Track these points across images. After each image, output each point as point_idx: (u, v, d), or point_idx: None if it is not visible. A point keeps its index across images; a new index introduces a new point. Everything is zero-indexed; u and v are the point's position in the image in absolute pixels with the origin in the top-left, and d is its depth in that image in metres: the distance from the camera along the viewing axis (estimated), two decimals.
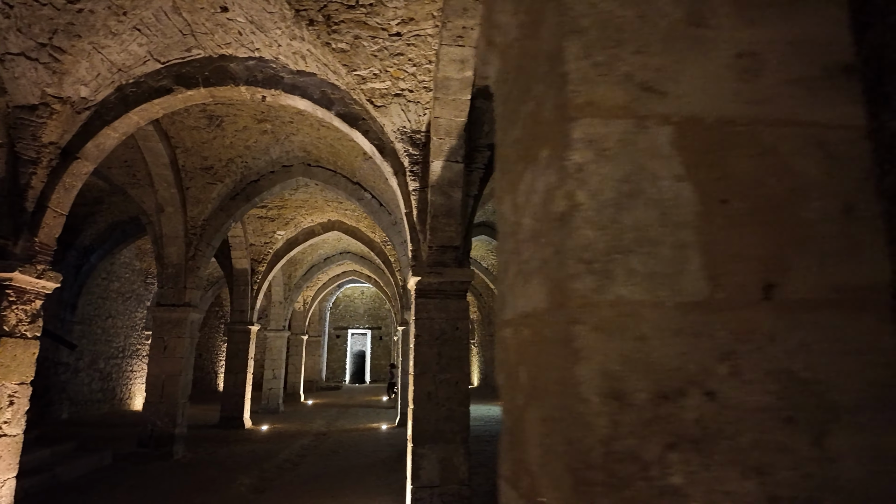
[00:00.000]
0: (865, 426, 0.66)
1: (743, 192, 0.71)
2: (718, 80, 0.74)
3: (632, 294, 0.66)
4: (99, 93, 4.17)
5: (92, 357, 11.13)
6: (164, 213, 7.02)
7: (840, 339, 0.68)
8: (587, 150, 0.70)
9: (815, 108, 0.75)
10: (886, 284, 0.70)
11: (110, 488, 5.37)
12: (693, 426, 0.63)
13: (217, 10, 3.85)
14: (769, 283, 0.68)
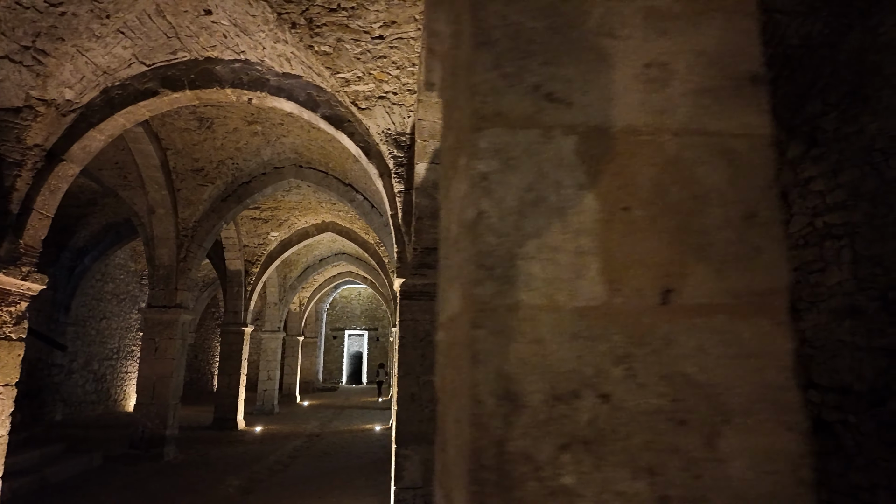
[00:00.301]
0: (757, 428, 0.67)
1: (645, 199, 0.73)
2: (625, 91, 0.76)
3: (531, 299, 0.68)
4: (84, 95, 4.19)
5: (86, 358, 11.14)
6: (155, 215, 7.04)
7: (735, 343, 0.70)
8: (493, 160, 0.72)
9: (722, 118, 0.77)
10: (784, 289, 0.72)
11: (98, 489, 5.38)
12: (586, 427, 0.65)
13: (200, 13, 3.87)
14: (667, 289, 0.70)
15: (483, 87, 0.74)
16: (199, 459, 7.01)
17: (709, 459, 0.66)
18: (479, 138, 0.72)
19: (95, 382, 11.46)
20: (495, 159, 0.72)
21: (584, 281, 0.69)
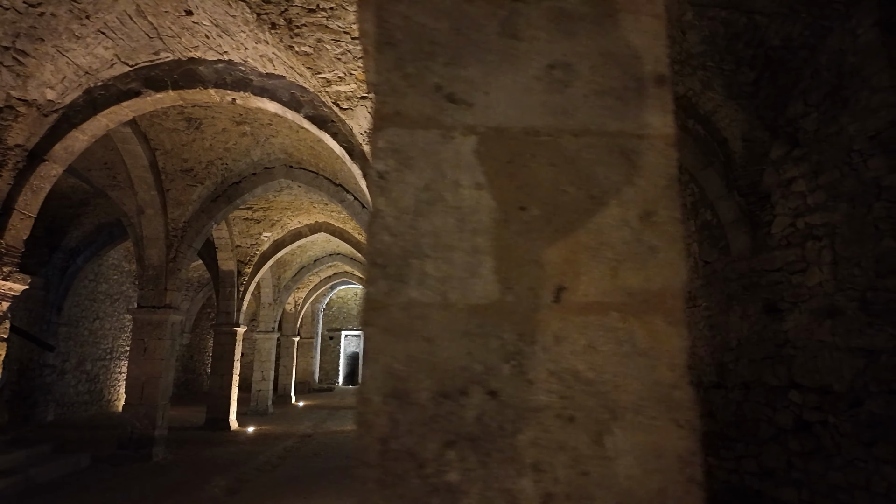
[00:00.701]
0: (646, 426, 0.68)
1: (542, 199, 0.74)
2: (527, 92, 0.77)
3: (423, 297, 0.69)
4: (66, 95, 4.19)
5: (79, 359, 11.12)
6: (144, 215, 7.04)
7: (627, 341, 0.70)
8: (391, 159, 0.72)
9: (625, 118, 0.78)
10: (679, 288, 0.73)
11: (83, 490, 5.38)
12: (473, 424, 0.66)
13: (181, 13, 3.87)
14: (560, 287, 0.71)
15: (383, 88, 0.75)
16: (188, 460, 7.01)
17: (596, 457, 0.67)
18: (378, 138, 0.73)
19: (88, 383, 11.45)
20: (393, 159, 0.72)
21: (477, 279, 0.70)
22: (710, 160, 4.98)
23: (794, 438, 4.11)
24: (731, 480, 4.80)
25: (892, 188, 3.50)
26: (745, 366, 4.84)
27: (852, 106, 3.82)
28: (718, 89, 4.47)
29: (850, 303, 3.80)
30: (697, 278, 5.62)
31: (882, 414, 3.39)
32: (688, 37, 4.13)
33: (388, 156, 0.72)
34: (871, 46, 3.66)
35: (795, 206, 4.35)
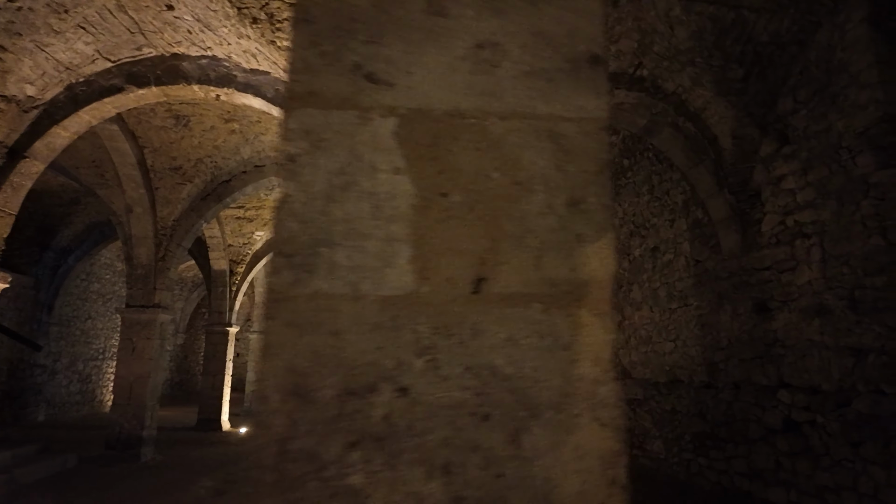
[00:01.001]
0: (567, 424, 0.64)
1: (465, 185, 0.69)
2: (453, 72, 0.73)
3: (331, 288, 0.64)
4: (47, 91, 4.14)
5: (71, 359, 11.06)
6: (132, 214, 6.98)
7: (550, 334, 0.66)
8: (303, 141, 0.68)
9: (555, 101, 0.74)
10: (606, 279, 0.69)
11: (69, 491, 5.33)
12: (380, 423, 0.62)
13: (162, 8, 3.82)
14: (480, 277, 0.67)
15: (298, 66, 0.71)
16: (177, 461, 6.96)
17: (512, 457, 0.63)
18: (289, 119, 0.69)
19: (80, 383, 11.39)
20: (305, 141, 0.68)
21: (392, 269, 0.66)
22: (700, 158, 4.94)
23: (782, 439, 4.08)
24: (721, 481, 4.77)
25: (879, 185, 3.46)
26: (736, 365, 4.81)
27: (841, 102, 3.78)
28: (707, 86, 4.44)
29: (838, 301, 3.77)
30: (689, 277, 5.58)
31: (869, 414, 3.36)
32: (676, 32, 4.09)
33: (300, 138, 0.68)
34: (860, 42, 3.63)
35: (785, 204, 4.31)
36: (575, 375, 0.66)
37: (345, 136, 0.69)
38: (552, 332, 0.66)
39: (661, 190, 6.09)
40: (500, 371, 0.65)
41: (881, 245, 3.43)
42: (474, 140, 0.71)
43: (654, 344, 6.12)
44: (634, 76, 4.66)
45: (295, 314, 0.63)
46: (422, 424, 0.62)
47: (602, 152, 0.73)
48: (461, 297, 0.66)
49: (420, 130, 0.70)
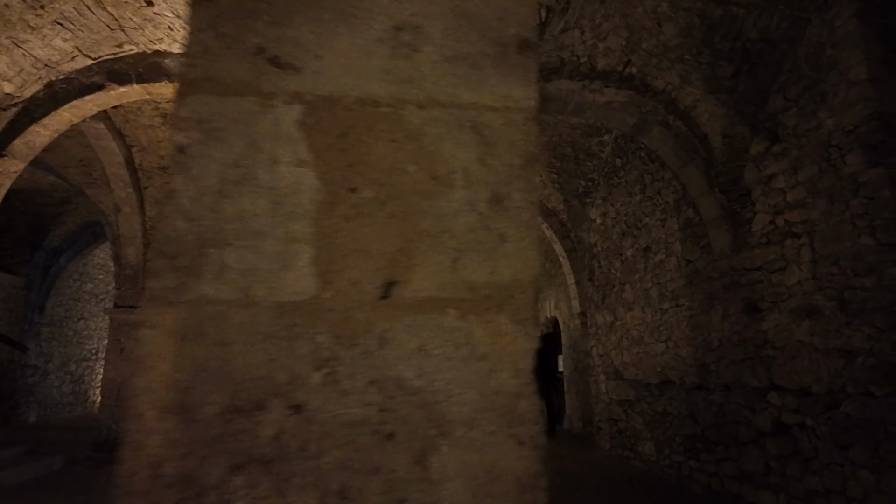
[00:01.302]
0: (481, 442, 0.58)
1: (377, 179, 0.63)
2: (368, 56, 0.67)
3: (220, 293, 0.58)
4: (25, 89, 4.08)
5: (62, 359, 10.99)
6: (121, 213, 6.92)
7: (466, 343, 0.60)
8: (195, 130, 0.62)
9: (480, 88, 0.68)
10: (529, 282, 0.63)
11: (53, 493, 5.26)
12: (269, 444, 0.55)
13: (142, 4, 3.76)
14: (391, 281, 0.61)
15: (195, 49, 0.65)
16: None
17: (417, 480, 0.56)
18: (182, 106, 0.63)
19: (73, 384, 11.31)
20: (197, 130, 0.62)
21: (290, 272, 0.60)
22: (691, 157, 4.89)
23: (772, 441, 4.02)
24: (711, 484, 4.71)
25: (869, 184, 3.41)
26: (727, 367, 4.75)
27: (830, 100, 3.72)
28: (697, 84, 4.38)
29: (828, 302, 3.71)
30: (680, 277, 5.52)
31: (858, 416, 3.30)
32: (664, 29, 4.03)
33: (192, 127, 0.62)
34: (849, 38, 3.57)
35: (775, 203, 4.26)
36: (492, 388, 0.59)
37: (243, 125, 0.63)
38: (469, 340, 0.60)
39: (653, 189, 6.03)
40: (409, 384, 0.58)
41: (871, 245, 3.37)
42: (389, 130, 0.65)
43: (645, 345, 6.07)
44: (623, 74, 4.60)
45: (177, 322, 0.57)
46: (316, 445, 0.56)
47: (529, 145, 0.67)
48: (368, 303, 0.60)
49: (328, 119, 0.64)
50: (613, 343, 6.90)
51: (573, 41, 4.29)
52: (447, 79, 0.67)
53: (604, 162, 7.23)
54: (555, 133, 6.95)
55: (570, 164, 7.50)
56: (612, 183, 7.07)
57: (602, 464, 6.12)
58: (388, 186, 0.63)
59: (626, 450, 6.22)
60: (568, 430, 8.71)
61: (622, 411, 6.35)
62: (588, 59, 4.49)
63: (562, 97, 4.86)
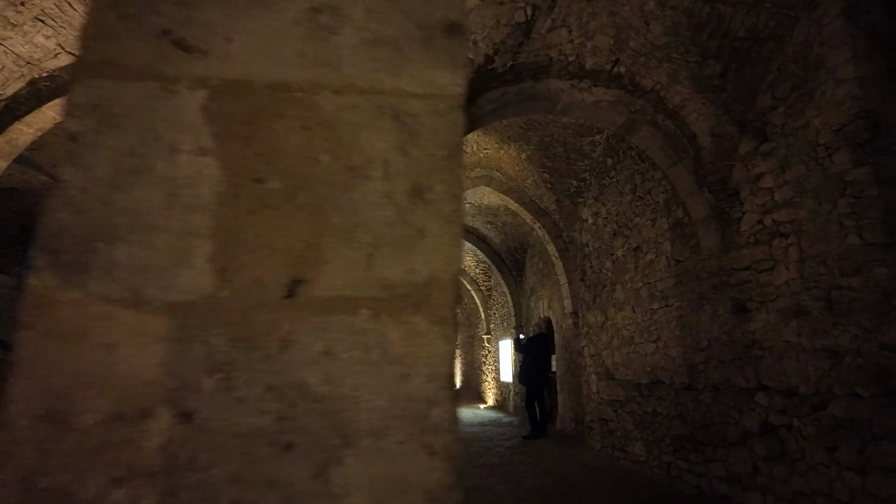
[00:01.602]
0: (389, 453, 0.54)
1: (286, 170, 0.59)
2: (282, 39, 0.62)
3: (107, 291, 0.54)
4: (7, 87, 4.02)
5: None
6: None
7: (378, 346, 0.56)
8: (88, 117, 0.58)
9: (403, 74, 0.63)
10: (449, 280, 0.58)
11: None
12: (154, 455, 0.51)
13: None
14: (297, 279, 0.56)
15: (93, 31, 0.60)
16: None
17: (318, 494, 0.52)
18: (75, 91, 0.58)
19: None
20: (90, 117, 0.58)
21: (186, 269, 0.55)
22: (679, 156, 4.86)
23: (759, 442, 3.99)
24: (700, 485, 4.68)
25: (856, 183, 3.38)
26: (715, 367, 4.72)
27: (818, 98, 3.70)
28: (685, 82, 4.35)
29: (815, 302, 3.68)
30: (670, 277, 5.49)
31: (844, 418, 3.27)
32: (651, 28, 4.00)
33: (86, 113, 0.58)
34: (836, 36, 3.54)
35: (763, 203, 4.23)
36: (404, 395, 0.55)
37: (141, 112, 0.58)
38: (380, 343, 0.56)
39: (644, 189, 6.00)
40: (312, 391, 0.54)
41: (857, 244, 3.34)
42: (302, 117, 0.61)
43: (636, 345, 6.03)
44: (612, 73, 4.57)
45: (58, 323, 0.53)
46: (206, 456, 0.51)
47: (454, 134, 0.63)
48: (271, 303, 0.56)
49: (235, 105, 0.60)
50: (604, 343, 6.87)
51: (561, 40, 4.25)
52: (367, 63, 0.63)
53: (595, 162, 7.20)
54: (546, 133, 6.91)
55: (561, 163, 7.47)
56: (604, 183, 7.04)
57: (592, 464, 6.08)
58: (298, 177, 0.59)
59: (616, 450, 6.19)
60: (560, 429, 8.68)
61: (612, 411, 6.32)
62: (576, 58, 4.46)
63: (550, 96, 4.82)
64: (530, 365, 8.54)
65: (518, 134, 7.05)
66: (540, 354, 8.65)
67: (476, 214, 11.07)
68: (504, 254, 12.39)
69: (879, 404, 3.07)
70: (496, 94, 4.66)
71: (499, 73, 4.42)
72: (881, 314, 3.16)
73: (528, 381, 8.46)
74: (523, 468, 6.00)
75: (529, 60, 4.40)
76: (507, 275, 12.40)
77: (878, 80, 3.44)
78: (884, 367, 3.10)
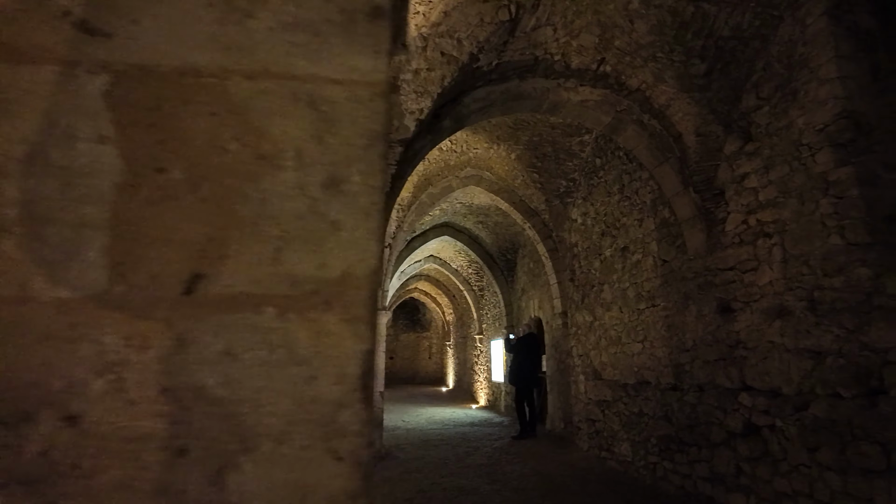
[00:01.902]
0: (291, 458, 0.51)
1: (192, 159, 0.56)
2: (194, 22, 0.59)
3: None
4: None
5: None
6: None
7: (283, 345, 0.53)
8: None
9: (321, 59, 0.60)
10: (365, 276, 0.55)
11: None
12: (34, 462, 0.48)
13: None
14: (197, 274, 0.53)
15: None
16: None
17: (212, 502, 0.49)
18: None
19: None
20: None
21: (77, 263, 0.52)
22: (665, 156, 4.85)
23: (743, 443, 3.98)
24: (685, 486, 4.67)
25: (838, 183, 3.38)
26: (700, 367, 4.72)
27: (801, 98, 3.70)
28: (670, 82, 4.34)
29: (798, 302, 3.68)
30: (656, 277, 5.49)
31: (825, 418, 3.27)
32: (636, 26, 3.99)
33: None
34: (820, 36, 3.54)
35: (748, 203, 4.23)
36: (310, 397, 0.52)
37: (37, 97, 0.55)
38: (286, 342, 0.53)
39: (631, 189, 5.99)
40: (210, 393, 0.51)
41: (839, 245, 3.34)
42: (210, 103, 0.57)
43: (623, 345, 6.03)
44: (598, 72, 4.56)
45: None
46: (92, 462, 0.48)
47: (375, 122, 0.60)
48: (168, 300, 0.52)
49: (139, 91, 0.57)
50: (592, 343, 6.86)
51: (546, 38, 4.23)
52: (283, 47, 0.60)
53: (584, 162, 7.19)
54: (535, 132, 6.90)
55: (551, 163, 7.46)
56: (593, 183, 7.03)
57: (579, 465, 6.07)
58: (204, 166, 0.56)
59: (603, 450, 6.18)
60: (550, 430, 8.67)
61: (600, 412, 6.31)
62: (562, 56, 4.44)
63: (537, 95, 4.80)
64: (519, 365, 8.52)
65: (507, 133, 7.03)
66: (529, 354, 8.64)
67: (467, 214, 11.05)
68: (495, 254, 12.38)
69: (860, 405, 3.07)
70: (482, 93, 4.63)
71: (484, 72, 4.39)
72: (862, 314, 3.16)
73: (518, 381, 8.45)
74: (510, 469, 5.98)
75: (515, 59, 4.38)
76: (498, 275, 12.40)
77: (861, 79, 3.44)
78: (864, 368, 3.10)
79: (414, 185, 7.73)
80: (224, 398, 0.51)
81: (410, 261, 13.76)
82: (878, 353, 3.02)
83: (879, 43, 3.49)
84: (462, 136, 7.17)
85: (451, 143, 7.39)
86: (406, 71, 3.96)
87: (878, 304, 3.07)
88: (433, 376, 23.07)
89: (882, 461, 2.87)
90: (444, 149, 7.45)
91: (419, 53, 3.87)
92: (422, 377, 23.21)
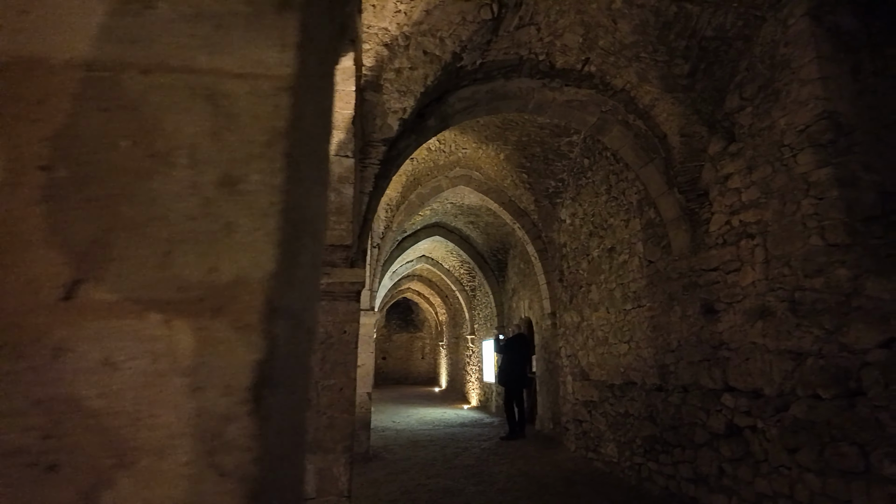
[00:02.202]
0: (170, 473, 0.48)
1: (78, 156, 0.53)
2: (87, 13, 0.56)
3: None
4: None
5: None
6: None
7: (167, 354, 0.50)
8: None
9: (223, 52, 0.58)
10: (259, 280, 0.53)
11: None
12: None
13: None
14: (78, 279, 0.50)
15: None
16: None
17: None
18: None
19: None
20: None
21: None
22: (650, 156, 4.85)
23: (725, 444, 3.98)
24: (669, 486, 4.67)
25: (818, 184, 3.38)
26: (685, 368, 4.72)
27: (783, 99, 3.70)
28: (654, 82, 4.33)
29: (780, 303, 3.68)
30: (642, 278, 5.48)
31: (805, 419, 3.27)
32: (619, 26, 3.97)
33: None
34: (801, 37, 3.54)
35: (731, 203, 4.23)
36: (194, 410, 0.49)
37: None
38: (171, 351, 0.50)
39: (618, 189, 5.99)
40: (86, 406, 0.48)
41: (820, 246, 3.34)
42: (101, 98, 0.54)
43: (609, 345, 6.02)
44: (583, 72, 4.54)
45: None
46: None
47: (278, 119, 0.57)
48: (45, 306, 0.49)
49: (24, 85, 0.54)
50: (580, 343, 6.85)
51: (530, 38, 4.21)
52: (183, 40, 0.57)
53: (573, 162, 7.19)
54: (524, 133, 6.88)
55: (539, 164, 7.45)
56: (581, 183, 7.03)
57: (566, 465, 6.06)
58: (91, 165, 0.53)
59: (590, 451, 6.17)
60: (539, 430, 8.66)
61: (587, 412, 6.30)
62: (546, 56, 4.42)
63: (522, 95, 4.78)
64: (509, 365, 8.51)
65: (496, 133, 7.01)
66: (519, 355, 8.63)
67: (458, 214, 11.03)
68: (487, 254, 12.37)
69: (839, 406, 3.07)
70: (467, 93, 4.61)
71: (469, 72, 4.37)
72: (841, 315, 3.16)
73: (507, 381, 8.44)
74: (497, 469, 5.96)
75: (500, 59, 4.36)
76: (489, 275, 12.38)
77: (842, 80, 3.44)
78: (843, 369, 3.09)
79: (402, 185, 7.70)
80: (101, 410, 0.48)
81: (402, 261, 13.72)
82: (857, 354, 3.02)
83: (860, 44, 3.49)
84: (450, 135, 7.14)
85: (440, 143, 7.37)
86: (388, 70, 3.94)
87: (856, 305, 3.08)
88: (426, 376, 23.03)
89: (860, 462, 2.87)
90: (433, 149, 7.42)
91: (401, 52, 3.84)
92: (415, 377, 23.18)
